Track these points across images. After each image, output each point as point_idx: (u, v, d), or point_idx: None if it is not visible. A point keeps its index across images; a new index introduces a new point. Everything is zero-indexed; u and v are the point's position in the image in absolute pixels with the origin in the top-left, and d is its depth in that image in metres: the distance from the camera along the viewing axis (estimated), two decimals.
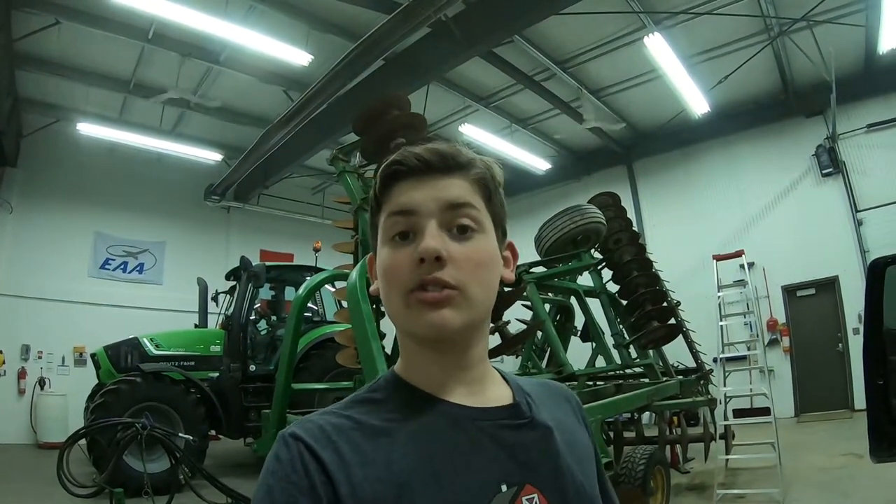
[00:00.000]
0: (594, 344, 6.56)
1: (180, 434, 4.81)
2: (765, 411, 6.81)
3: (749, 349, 8.12)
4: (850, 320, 9.73)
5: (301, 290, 4.62)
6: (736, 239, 10.56)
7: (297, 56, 7.81)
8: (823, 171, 10.35)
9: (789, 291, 10.60)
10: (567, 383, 4.75)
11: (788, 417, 9.62)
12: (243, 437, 7.88)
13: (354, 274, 3.45)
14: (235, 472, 7.88)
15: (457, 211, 0.73)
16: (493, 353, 3.65)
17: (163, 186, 11.78)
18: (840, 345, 9.83)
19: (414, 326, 0.72)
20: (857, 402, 9.49)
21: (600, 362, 6.56)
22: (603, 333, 6.45)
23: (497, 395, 0.79)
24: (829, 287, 10.13)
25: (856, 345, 9.71)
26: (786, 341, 10.44)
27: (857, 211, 9.96)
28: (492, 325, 3.84)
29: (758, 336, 8.45)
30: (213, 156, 11.10)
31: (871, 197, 9.89)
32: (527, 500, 0.69)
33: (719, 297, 7.64)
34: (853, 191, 10.06)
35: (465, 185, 0.75)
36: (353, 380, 4.38)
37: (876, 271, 3.86)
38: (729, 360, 7.83)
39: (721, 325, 7.35)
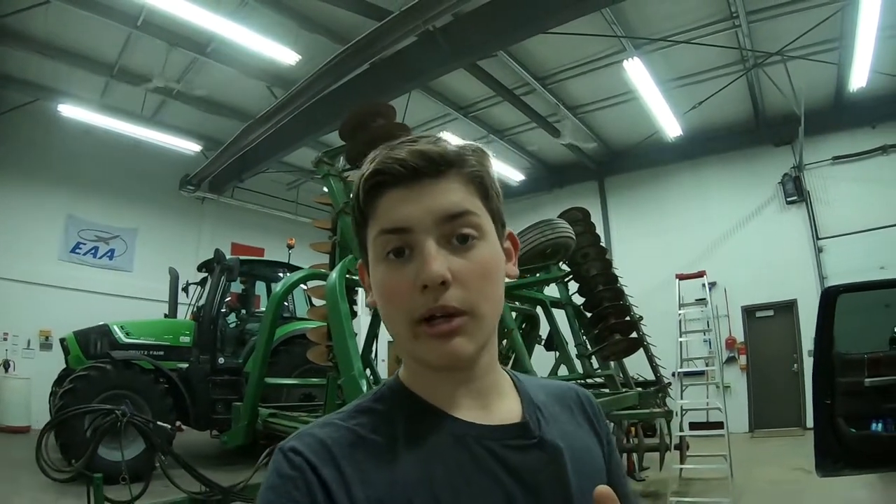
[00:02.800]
0: (557, 353, 6.75)
1: (158, 422, 4.84)
2: (719, 425, 7.13)
3: (707, 365, 8.42)
4: (807, 342, 10.12)
5: (279, 286, 4.71)
6: (700, 259, 10.86)
7: (284, 55, 7.87)
8: (788, 199, 10.81)
9: (749, 312, 11.00)
10: None
11: (743, 433, 9.97)
12: (209, 428, 7.90)
13: (335, 274, 3.57)
14: (200, 463, 7.80)
15: (455, 221, 0.67)
16: None
17: (138, 173, 11.63)
18: (795, 365, 10.24)
19: (424, 356, 0.68)
20: (809, 420, 9.81)
21: (563, 371, 6.77)
22: (567, 343, 6.66)
23: (506, 409, 0.74)
24: (787, 310, 10.54)
25: (811, 366, 10.08)
26: (743, 359, 10.83)
27: (819, 238, 10.43)
28: None
29: (715, 353, 8.78)
30: (191, 146, 11.05)
31: (833, 226, 10.36)
32: None
33: (680, 314, 7.91)
34: (815, 219, 10.53)
35: (460, 187, 0.69)
36: (325, 376, 4.48)
37: (829, 299, 4.07)
38: (687, 374, 8.12)
39: (680, 341, 7.61)
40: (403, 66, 7.58)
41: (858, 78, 8.55)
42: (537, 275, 5.99)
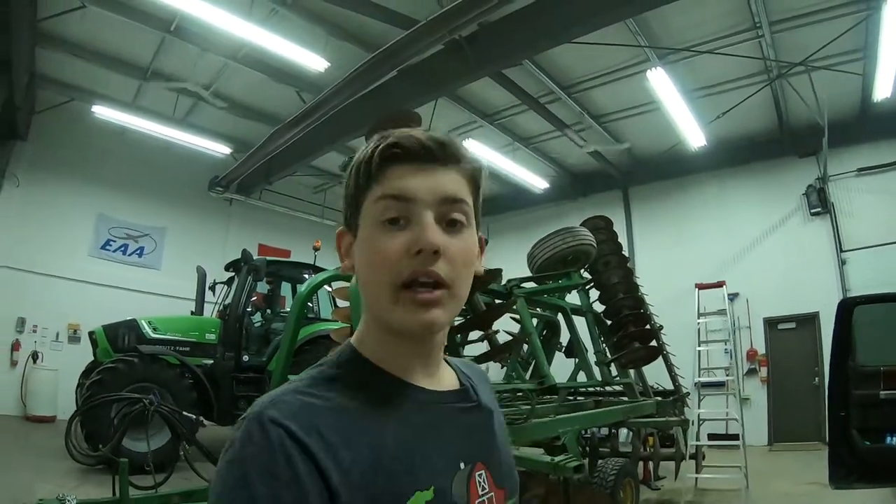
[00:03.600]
0: (577, 360, 6.78)
1: (184, 412, 4.99)
2: (735, 437, 7.13)
3: (727, 375, 8.38)
4: (829, 356, 9.99)
5: (304, 287, 4.83)
6: (723, 270, 10.75)
7: (313, 61, 8.06)
8: (812, 211, 10.68)
9: (771, 324, 10.89)
10: (548, 395, 5.05)
11: (761, 445, 9.89)
12: (231, 424, 8.03)
13: None
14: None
15: (452, 206, 0.74)
16: (481, 359, 3.89)
17: (168, 174, 11.96)
18: (816, 378, 10.07)
19: (400, 322, 0.72)
20: (829, 434, 9.76)
21: (581, 378, 6.80)
22: (586, 351, 6.69)
23: (447, 379, 0.84)
24: (809, 322, 10.39)
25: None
26: (764, 371, 10.71)
27: (842, 251, 10.28)
28: (481, 332, 4.08)
29: (735, 364, 8.73)
30: (221, 148, 11.34)
31: (857, 238, 10.22)
32: (479, 475, 0.77)
33: (699, 323, 7.91)
34: (839, 231, 10.39)
35: (461, 179, 0.76)
36: None
37: (845, 310, 4.11)
38: (706, 385, 8.12)
39: (699, 351, 7.61)
40: (430, 74, 7.71)
41: (883, 88, 8.46)
42: (559, 281, 6.03)
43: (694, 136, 10.07)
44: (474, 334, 4.37)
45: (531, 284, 6.22)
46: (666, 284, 10.36)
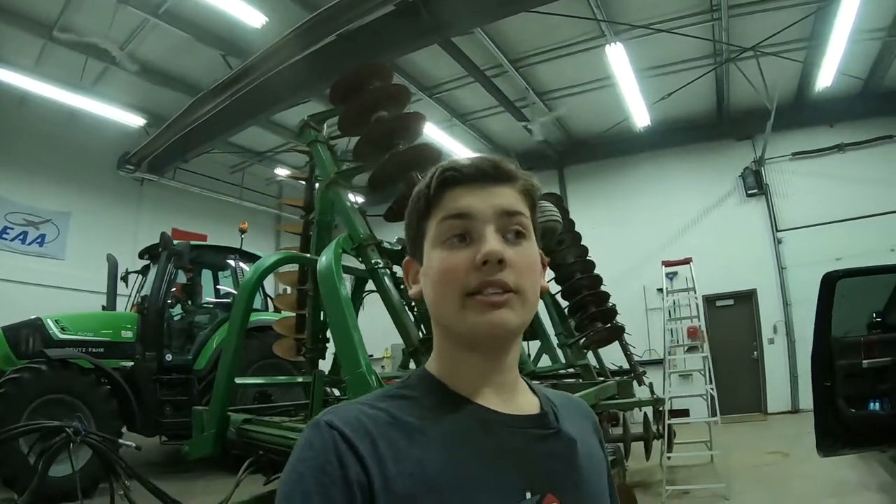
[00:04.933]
0: (540, 342, 6.53)
1: (121, 441, 4.15)
2: (685, 412, 7.19)
3: (670, 354, 8.41)
4: (766, 330, 10.44)
5: (251, 273, 4.14)
6: (661, 250, 10.85)
7: (249, 15, 7.14)
8: (748, 192, 11.06)
9: (709, 301, 11.14)
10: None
11: (706, 420, 10.12)
12: (157, 433, 7.15)
13: (328, 255, 3.07)
14: (148, 471, 7.19)
15: (511, 218, 0.76)
16: None
17: (73, 151, 10.55)
18: (755, 353, 10.54)
19: (470, 326, 0.72)
20: (770, 406, 10.20)
21: (545, 361, 6.55)
22: (547, 333, 6.45)
23: (526, 403, 0.81)
24: (746, 299, 10.81)
25: (771, 353, 10.44)
26: (704, 348, 10.95)
27: (778, 230, 10.73)
28: None
29: (678, 342, 8.98)
30: (133, 119, 9.99)
31: (791, 219, 10.70)
32: None
33: (671, 300, 8.17)
34: (774, 211, 10.83)
35: (515, 194, 0.78)
36: (299, 373, 3.98)
37: (828, 284, 4.13)
38: (648, 363, 8.34)
39: (669, 329, 7.79)
40: (375, 38, 7.04)
41: (825, 78, 8.76)
42: None
43: (640, 115, 10.04)
44: None
45: None
46: (604, 265, 10.28)
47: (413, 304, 3.35)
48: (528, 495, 0.70)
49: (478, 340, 0.74)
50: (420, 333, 3.26)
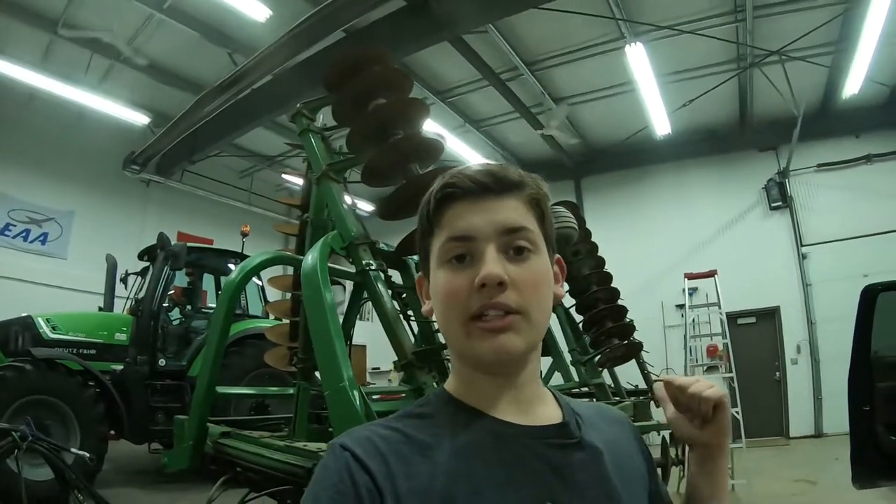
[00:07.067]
0: (552, 359, 6.16)
1: (72, 449, 3.84)
2: None
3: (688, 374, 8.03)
4: (789, 350, 9.97)
5: (235, 273, 3.83)
6: (681, 264, 10.49)
7: (253, 9, 6.95)
8: (772, 205, 10.65)
9: (730, 318, 10.65)
10: None
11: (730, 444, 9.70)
12: (147, 441, 6.87)
13: (314, 255, 2.74)
14: (136, 479, 6.91)
15: (514, 235, 0.74)
16: None
17: (79, 149, 10.44)
18: (777, 373, 10.08)
19: (475, 352, 0.73)
20: (793, 429, 9.69)
21: (557, 379, 6.18)
22: (560, 349, 6.10)
23: (547, 414, 0.79)
24: (769, 317, 10.38)
25: (794, 374, 9.96)
26: (729, 368, 10.52)
27: (802, 245, 10.28)
28: None
29: (697, 361, 8.64)
30: (138, 117, 9.88)
31: (816, 233, 10.23)
32: None
33: (693, 315, 7.55)
34: (799, 225, 10.39)
35: (520, 206, 0.76)
36: (293, 384, 3.64)
37: (868, 297, 3.74)
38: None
39: (690, 346, 7.28)
40: (383, 34, 6.77)
41: (852, 85, 8.41)
42: None
43: (660, 123, 9.68)
44: None
45: None
46: (620, 279, 9.94)
47: (411, 312, 3.03)
48: None
49: (486, 366, 0.74)
50: (419, 345, 2.95)
